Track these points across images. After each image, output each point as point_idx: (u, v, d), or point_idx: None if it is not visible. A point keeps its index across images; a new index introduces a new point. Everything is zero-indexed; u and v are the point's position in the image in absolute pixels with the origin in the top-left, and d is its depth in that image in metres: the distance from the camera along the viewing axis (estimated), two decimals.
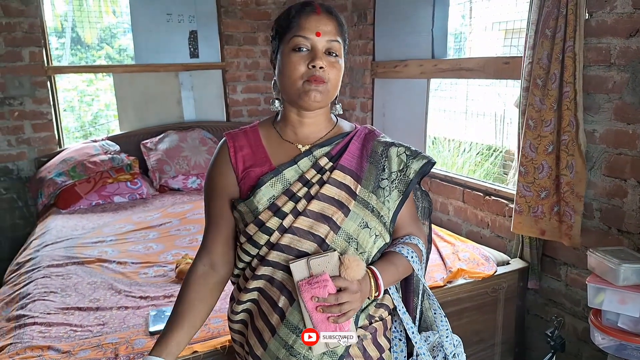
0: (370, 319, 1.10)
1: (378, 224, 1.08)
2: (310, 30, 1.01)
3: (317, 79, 1.00)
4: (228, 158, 1.11)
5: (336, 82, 1.04)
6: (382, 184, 1.09)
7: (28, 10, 3.18)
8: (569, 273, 2.15)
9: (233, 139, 1.13)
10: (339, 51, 1.04)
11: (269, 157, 1.10)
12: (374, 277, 1.03)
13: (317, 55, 1.00)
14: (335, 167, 1.07)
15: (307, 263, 0.97)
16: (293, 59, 1.01)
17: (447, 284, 2.03)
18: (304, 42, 1.01)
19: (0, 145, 3.25)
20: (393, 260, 1.09)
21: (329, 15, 1.04)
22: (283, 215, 1.04)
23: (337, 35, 1.03)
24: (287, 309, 1.03)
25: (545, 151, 2.01)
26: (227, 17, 3.77)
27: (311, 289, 0.95)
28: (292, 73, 1.01)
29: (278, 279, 1.04)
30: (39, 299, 1.86)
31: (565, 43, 1.87)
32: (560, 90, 1.93)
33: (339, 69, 1.04)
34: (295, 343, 1.02)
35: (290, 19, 1.03)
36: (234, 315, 1.14)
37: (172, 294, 1.92)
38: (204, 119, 3.88)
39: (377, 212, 1.07)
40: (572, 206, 1.97)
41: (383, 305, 1.13)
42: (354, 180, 1.07)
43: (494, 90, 4.24)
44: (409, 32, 2.90)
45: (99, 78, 6.54)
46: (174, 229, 2.66)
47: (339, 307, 0.95)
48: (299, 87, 1.01)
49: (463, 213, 2.67)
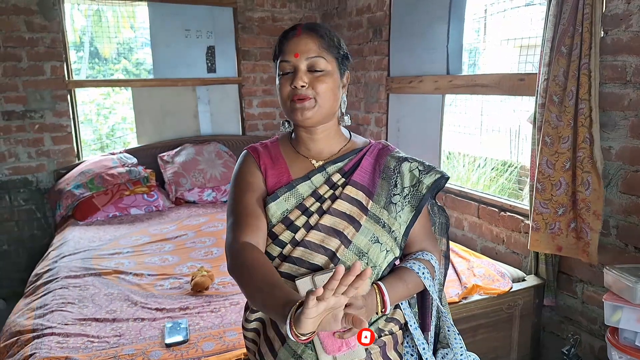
0: (380, 332, 1.10)
1: (389, 239, 1.09)
2: (290, 53, 1.06)
3: (299, 97, 1.04)
4: (255, 163, 1.14)
5: (327, 95, 1.06)
6: (394, 199, 1.10)
7: (51, 25, 3.27)
8: (585, 290, 2.12)
9: (255, 151, 1.17)
10: (324, 66, 1.06)
11: (289, 170, 1.13)
12: (380, 293, 1.03)
13: (297, 75, 1.05)
14: (347, 183, 1.10)
15: (312, 279, 0.98)
16: (281, 81, 1.08)
17: (462, 300, 2.02)
18: (286, 65, 1.07)
19: (21, 157, 3.33)
20: (403, 276, 1.09)
21: (310, 34, 1.07)
22: (295, 229, 1.06)
23: (320, 52, 1.06)
24: None
25: (563, 168, 2.00)
26: (244, 32, 3.85)
27: None
28: (281, 94, 1.08)
29: None
30: (56, 310, 1.90)
31: (581, 60, 1.88)
32: (577, 107, 1.93)
33: (327, 82, 1.06)
34: (304, 353, 1.03)
35: (277, 46, 1.11)
36: (247, 323, 1.15)
37: (187, 306, 1.94)
38: (220, 132, 3.94)
39: (388, 227, 1.08)
40: (588, 223, 1.95)
41: (393, 319, 1.13)
42: (366, 195, 1.09)
43: (509, 105, 4.23)
44: (424, 48, 2.93)
45: (116, 91, 6.68)
46: (190, 242, 2.68)
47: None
48: (288, 106, 1.07)
49: (478, 229, 2.66)
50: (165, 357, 1.59)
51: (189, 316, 1.85)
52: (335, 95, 1.09)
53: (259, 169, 1.13)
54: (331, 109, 1.09)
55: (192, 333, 1.72)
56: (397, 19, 3.12)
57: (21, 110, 3.28)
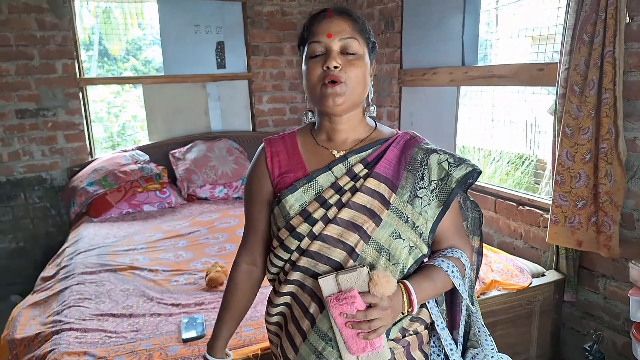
0: (404, 332, 1.06)
1: (413, 235, 1.03)
2: (322, 34, 1.01)
3: (332, 78, 0.99)
4: (264, 163, 1.12)
5: (358, 81, 1.02)
6: (420, 193, 1.04)
7: (62, 23, 3.27)
8: (607, 285, 2.08)
9: (270, 144, 1.14)
10: (357, 49, 1.02)
11: (304, 163, 1.10)
12: (407, 293, 0.99)
13: (330, 55, 1.00)
14: (369, 174, 1.05)
15: (336, 278, 0.95)
16: (310, 65, 1.02)
17: (480, 295, 1.98)
18: (317, 46, 1.02)
19: (35, 155, 3.35)
20: (431, 275, 1.04)
21: (342, 16, 1.03)
22: (313, 222, 1.03)
23: (353, 34, 1.02)
24: (317, 315, 1.02)
25: (583, 159, 1.95)
26: (254, 27, 3.82)
27: (339, 305, 0.93)
28: (310, 78, 1.02)
29: (309, 285, 1.04)
30: (74, 305, 1.90)
31: (605, 48, 1.82)
32: (599, 97, 1.88)
33: (360, 67, 1.02)
34: (325, 350, 1.00)
35: (305, 29, 1.06)
36: (269, 317, 1.14)
37: (202, 301, 1.93)
38: (230, 129, 3.93)
39: (412, 222, 1.03)
40: (611, 216, 1.90)
41: (419, 319, 1.09)
42: (389, 188, 1.04)
43: (522, 97, 4.16)
44: (439, 39, 2.88)
45: (125, 90, 6.70)
46: (203, 238, 2.68)
47: (368, 323, 0.93)
48: (318, 92, 1.02)
49: (495, 223, 2.61)
50: (183, 352, 1.58)
51: (205, 311, 1.84)
52: (365, 82, 1.05)
53: (267, 167, 1.11)
54: (360, 96, 1.05)
55: (208, 328, 1.70)
56: (410, 10, 3.08)
57: (34, 108, 3.30)
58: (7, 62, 3.18)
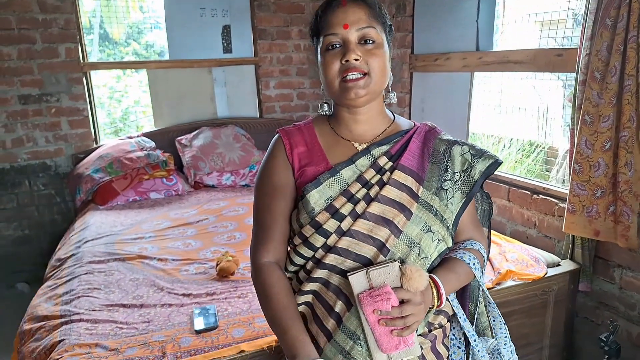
0: (430, 326, 1.05)
1: (441, 228, 1.02)
2: (338, 25, 0.97)
3: (354, 71, 0.96)
4: (285, 155, 1.07)
5: (380, 70, 0.98)
6: (445, 185, 1.03)
7: (64, 6, 3.20)
8: (624, 276, 2.05)
9: (288, 136, 1.09)
10: (376, 37, 0.98)
11: (326, 156, 1.06)
12: (435, 287, 0.98)
13: (349, 47, 0.96)
14: (395, 167, 1.02)
15: (367, 275, 0.92)
16: (327, 58, 0.98)
17: (495, 285, 1.96)
18: (334, 39, 0.98)
19: (39, 142, 3.30)
20: (454, 267, 1.03)
21: (357, 3, 0.98)
22: (341, 218, 1.00)
23: (370, 21, 0.98)
24: (344, 314, 0.99)
25: (602, 148, 1.91)
26: (261, 10, 3.73)
27: (373, 302, 0.90)
28: (328, 72, 0.99)
29: (334, 283, 1.00)
30: (83, 295, 1.87)
31: (629, 33, 1.77)
32: (621, 83, 1.82)
33: (381, 56, 0.98)
34: (353, 350, 0.97)
35: (319, 19, 1.01)
36: None
37: (214, 291, 1.90)
38: (237, 115, 3.86)
39: (440, 215, 1.01)
40: (630, 206, 1.87)
41: (442, 312, 1.08)
42: (416, 181, 1.02)
43: (532, 83, 4.08)
44: (452, 24, 2.81)
45: (127, 74, 6.62)
46: (211, 226, 2.64)
47: (403, 320, 0.91)
48: (337, 86, 0.98)
49: (508, 212, 2.58)
50: (196, 343, 1.55)
51: (217, 302, 1.81)
52: (386, 70, 1.01)
53: (288, 159, 1.06)
54: (382, 85, 1.02)
55: (220, 319, 1.68)
56: None
57: (37, 94, 3.24)
58: (9, 47, 3.11)
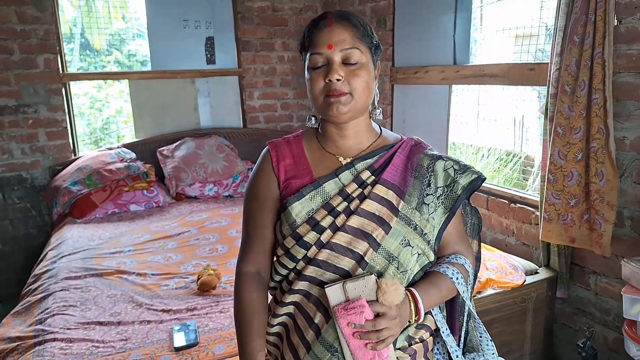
0: (410, 340, 1.05)
1: (421, 242, 1.03)
2: (323, 45, 0.99)
3: (334, 92, 0.98)
4: (271, 168, 1.09)
5: (362, 90, 1.00)
6: (427, 199, 1.04)
7: (44, 17, 3.17)
8: (598, 282, 2.10)
9: (276, 149, 1.11)
10: (359, 58, 1.00)
11: (311, 169, 1.07)
12: (414, 301, 0.98)
13: (332, 68, 0.98)
14: (377, 181, 1.04)
15: (343, 287, 0.93)
16: (312, 76, 1.01)
17: (476, 294, 1.98)
18: (319, 58, 1.00)
19: (14, 154, 3.24)
20: (436, 282, 1.04)
21: (343, 23, 1.00)
22: (321, 230, 1.01)
23: (354, 42, 1.00)
24: (323, 326, 0.99)
25: (575, 159, 1.96)
26: (244, 23, 3.75)
27: (347, 315, 0.91)
28: (313, 90, 1.01)
29: (315, 295, 1.01)
30: (57, 313, 1.83)
31: (594, 50, 1.83)
32: (589, 97, 1.89)
33: (364, 76, 1.00)
34: None
35: (306, 37, 1.04)
36: (269, 327, 1.10)
37: (194, 306, 1.88)
38: (220, 125, 3.86)
39: (420, 229, 1.02)
40: (602, 214, 1.92)
41: (424, 326, 1.07)
42: (397, 195, 1.03)
43: (508, 95, 4.18)
44: (430, 38, 2.86)
45: (108, 84, 6.55)
46: (193, 239, 2.62)
47: (377, 333, 0.92)
48: (321, 102, 1.01)
49: (487, 220, 2.62)
50: None
51: (197, 317, 1.80)
52: (370, 89, 1.03)
53: (274, 171, 1.08)
54: (365, 103, 1.03)
55: (201, 335, 1.66)
56: (402, 8, 3.05)
57: (14, 105, 3.19)
58: None
